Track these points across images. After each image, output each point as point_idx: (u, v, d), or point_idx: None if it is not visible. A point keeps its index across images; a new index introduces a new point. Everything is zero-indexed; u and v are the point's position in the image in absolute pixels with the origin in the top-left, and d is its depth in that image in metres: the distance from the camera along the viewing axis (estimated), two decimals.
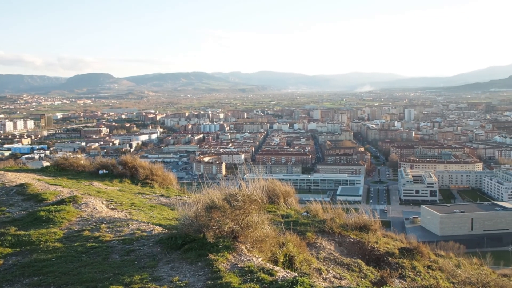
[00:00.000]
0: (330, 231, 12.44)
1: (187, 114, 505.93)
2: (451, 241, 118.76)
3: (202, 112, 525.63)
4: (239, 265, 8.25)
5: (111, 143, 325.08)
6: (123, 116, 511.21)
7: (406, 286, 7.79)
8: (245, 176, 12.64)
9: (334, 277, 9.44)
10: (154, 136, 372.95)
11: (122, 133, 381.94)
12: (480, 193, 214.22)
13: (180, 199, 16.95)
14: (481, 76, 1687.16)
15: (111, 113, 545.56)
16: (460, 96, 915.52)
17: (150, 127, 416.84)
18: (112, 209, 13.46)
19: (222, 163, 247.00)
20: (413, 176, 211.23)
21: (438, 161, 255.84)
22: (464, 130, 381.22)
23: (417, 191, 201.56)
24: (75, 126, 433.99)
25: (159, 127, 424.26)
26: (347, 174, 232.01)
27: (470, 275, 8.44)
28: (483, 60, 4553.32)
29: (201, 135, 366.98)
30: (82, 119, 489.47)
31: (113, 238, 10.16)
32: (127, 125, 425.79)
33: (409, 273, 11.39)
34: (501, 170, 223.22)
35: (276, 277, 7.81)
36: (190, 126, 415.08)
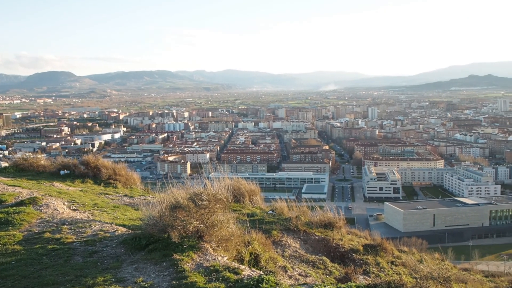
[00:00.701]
0: (295, 229, 12.49)
1: (151, 113, 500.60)
2: (414, 237, 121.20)
3: (166, 111, 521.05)
4: (204, 265, 8.20)
5: (72, 143, 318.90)
6: (85, 115, 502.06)
7: (370, 282, 7.86)
8: (210, 175, 12.57)
9: (299, 274, 9.48)
10: (117, 136, 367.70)
11: (84, 132, 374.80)
12: (442, 190, 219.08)
13: (144, 199, 16.74)
14: (442, 75, 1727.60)
15: (72, 112, 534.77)
16: (422, 94, 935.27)
17: (113, 127, 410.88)
18: (74, 210, 13.19)
19: (187, 162, 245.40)
20: (376, 174, 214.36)
21: (401, 158, 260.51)
22: (426, 128, 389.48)
23: (381, 188, 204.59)
24: (35, 125, 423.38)
25: (122, 126, 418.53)
26: (312, 172, 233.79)
27: (432, 270, 8.60)
28: (443, 59, 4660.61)
29: (166, 134, 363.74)
30: (43, 118, 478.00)
31: (75, 240, 9.95)
32: (89, 124, 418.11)
33: (373, 269, 11.54)
34: (462, 167, 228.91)
35: (242, 276, 7.79)
36: (154, 125, 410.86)
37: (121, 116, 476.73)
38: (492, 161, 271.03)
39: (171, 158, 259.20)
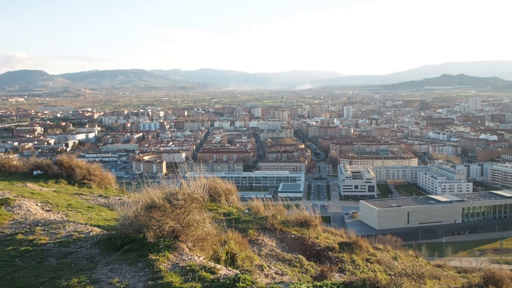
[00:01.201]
0: (271, 227, 12.52)
1: (126, 112, 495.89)
2: (389, 235, 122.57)
3: (141, 110, 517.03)
4: (180, 265, 8.16)
5: (46, 143, 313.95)
6: (58, 115, 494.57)
7: (345, 279, 7.93)
8: (186, 174, 12.52)
9: (276, 273, 9.51)
10: (91, 135, 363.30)
11: (57, 132, 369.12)
12: (416, 187, 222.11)
13: (119, 199, 16.59)
14: (416, 74, 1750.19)
15: (45, 112, 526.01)
16: (396, 93, 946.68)
17: (87, 126, 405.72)
18: (48, 211, 13.00)
19: (162, 162, 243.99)
20: (352, 172, 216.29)
21: (376, 157, 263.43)
22: (400, 127, 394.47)
23: (356, 187, 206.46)
24: (6, 125, 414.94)
25: (96, 125, 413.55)
26: (288, 171, 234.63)
27: (406, 267, 8.72)
28: (417, 59, 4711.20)
29: (141, 134, 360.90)
30: (15, 118, 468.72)
31: (49, 241, 9.80)
32: (63, 124, 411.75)
33: (349, 266, 11.65)
34: (435, 165, 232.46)
35: (218, 275, 7.78)
36: (129, 125, 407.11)
37: (96, 116, 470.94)
38: (465, 159, 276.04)
39: (146, 158, 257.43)
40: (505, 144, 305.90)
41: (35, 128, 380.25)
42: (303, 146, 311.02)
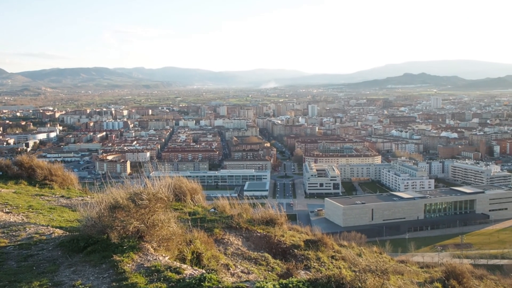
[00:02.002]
0: (237, 226, 12.51)
1: (88, 111, 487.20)
2: (353, 231, 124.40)
3: (104, 109, 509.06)
4: (145, 265, 8.08)
5: (5, 143, 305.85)
6: (18, 114, 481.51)
7: (311, 277, 7.99)
8: (150, 174, 12.39)
9: (242, 272, 9.50)
10: (53, 135, 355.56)
11: (17, 132, 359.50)
12: (379, 185, 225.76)
13: (82, 199, 16.28)
14: (379, 73, 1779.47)
15: (4, 111, 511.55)
16: (360, 92, 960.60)
17: (49, 125, 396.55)
18: (7, 212, 12.65)
19: (126, 161, 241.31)
20: (317, 170, 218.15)
21: (340, 155, 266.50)
22: (364, 125, 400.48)
23: (321, 184, 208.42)
24: None
25: (58, 125, 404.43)
26: (254, 170, 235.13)
27: (370, 263, 8.86)
28: (380, 58, 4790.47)
29: (104, 133, 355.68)
30: None
31: (9, 244, 9.54)
32: (23, 123, 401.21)
33: (314, 264, 11.73)
34: (398, 162, 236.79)
35: (184, 275, 7.73)
36: (92, 124, 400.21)
37: (57, 115, 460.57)
38: (426, 156, 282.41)
39: (110, 158, 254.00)
40: (465, 142, 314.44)
41: None
42: (268, 144, 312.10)
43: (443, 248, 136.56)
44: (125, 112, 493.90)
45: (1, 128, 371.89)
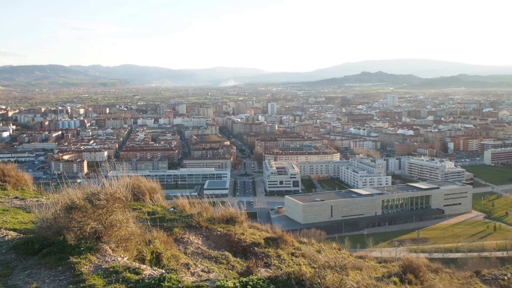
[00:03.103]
0: (197, 225, 12.44)
1: (43, 110, 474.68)
2: (313, 228, 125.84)
3: (60, 108, 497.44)
4: (103, 266, 7.94)
5: None
6: None
7: (271, 274, 8.03)
8: (108, 174, 12.19)
9: (202, 271, 9.46)
10: (5, 134, 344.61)
11: None
12: (338, 182, 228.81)
13: (37, 200, 15.84)
14: (337, 71, 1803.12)
15: None
16: (319, 90, 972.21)
17: (1, 124, 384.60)
18: None
19: (83, 161, 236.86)
20: (277, 168, 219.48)
21: (300, 152, 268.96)
22: (323, 123, 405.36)
23: (281, 182, 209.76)
24: None
25: (11, 124, 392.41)
26: (213, 168, 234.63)
27: (329, 259, 8.97)
28: (338, 56, 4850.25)
29: (60, 132, 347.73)
30: None
31: None
32: None
33: (274, 261, 11.79)
34: (356, 159, 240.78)
35: (143, 275, 7.64)
36: (47, 123, 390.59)
37: (10, 113, 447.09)
38: (384, 153, 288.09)
39: (66, 157, 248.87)
40: (420, 139, 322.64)
41: None
42: (228, 143, 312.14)
43: (400, 243, 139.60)
44: (82, 111, 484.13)
45: None
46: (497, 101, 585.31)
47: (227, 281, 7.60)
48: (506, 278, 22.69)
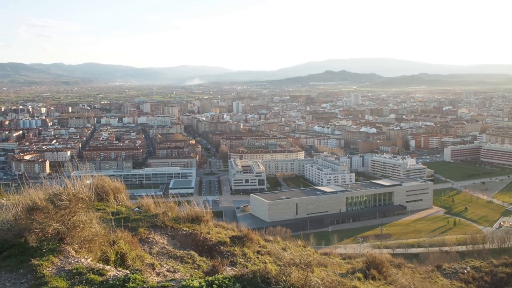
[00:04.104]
0: (162, 225, 12.37)
1: (3, 109, 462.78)
2: (279, 226, 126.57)
3: (21, 107, 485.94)
4: (66, 268, 7.83)
5: None
6: None
7: (236, 272, 8.06)
8: (71, 174, 11.99)
9: (167, 270, 9.42)
10: None
11: None
12: (303, 179, 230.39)
13: None
14: (301, 70, 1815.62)
15: None
16: (283, 89, 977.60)
17: None
18: None
19: (45, 161, 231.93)
20: (242, 166, 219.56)
21: (265, 151, 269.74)
22: (288, 121, 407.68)
23: (247, 181, 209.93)
24: None
25: None
26: (179, 167, 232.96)
27: (295, 257, 9.05)
28: (302, 55, 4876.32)
29: (21, 132, 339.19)
30: None
31: None
32: None
33: (240, 259, 11.82)
34: (321, 157, 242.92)
35: (107, 276, 7.57)
36: (7, 122, 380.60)
37: None
38: (347, 151, 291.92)
39: (27, 157, 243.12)
40: (383, 137, 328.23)
41: None
42: (193, 141, 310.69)
43: (364, 239, 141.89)
44: (43, 110, 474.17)
45: None
46: (456, 99, 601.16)
47: (192, 280, 7.59)
48: (465, 271, 23.41)
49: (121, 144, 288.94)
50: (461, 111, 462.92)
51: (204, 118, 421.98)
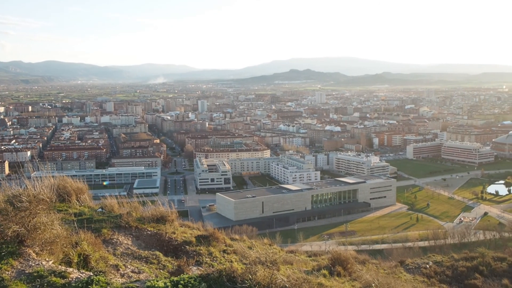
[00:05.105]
0: (126, 225, 12.20)
1: None
2: (245, 225, 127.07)
3: None
4: (26, 271, 7.63)
5: None
6: None
7: (202, 272, 8.03)
8: (31, 174, 11.71)
9: (132, 271, 9.30)
10: None
11: None
12: (269, 178, 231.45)
13: None
14: (266, 69, 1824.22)
15: None
16: (249, 88, 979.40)
17: None
18: None
19: (4, 161, 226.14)
20: (208, 166, 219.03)
21: (231, 149, 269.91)
22: (253, 120, 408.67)
23: (212, 180, 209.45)
24: None
25: None
26: (143, 167, 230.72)
27: (260, 255, 9.07)
28: (267, 54, 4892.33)
29: None
30: None
31: None
32: None
33: (206, 259, 11.76)
34: (286, 155, 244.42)
35: (69, 279, 7.42)
36: None
37: None
38: (312, 149, 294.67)
39: None
40: (347, 135, 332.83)
41: None
42: (158, 141, 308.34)
43: (329, 236, 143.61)
44: (2, 109, 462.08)
45: None
46: (418, 98, 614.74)
47: (157, 281, 7.52)
48: (428, 266, 23.98)
49: (84, 143, 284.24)
50: (422, 109, 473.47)
51: (168, 117, 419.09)
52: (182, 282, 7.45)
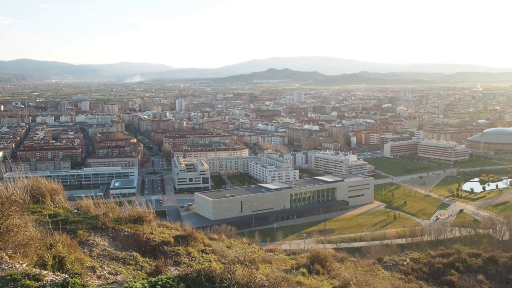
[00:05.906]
0: (103, 226, 12.03)
1: None
2: (224, 224, 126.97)
3: None
4: None
5: None
6: None
7: (181, 272, 7.94)
8: (4, 175, 11.45)
9: (109, 273, 9.16)
10: None
11: None
12: (248, 177, 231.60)
13: None
14: (244, 68, 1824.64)
15: None
16: (227, 87, 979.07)
17: None
18: None
19: None
20: (186, 165, 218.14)
21: (209, 149, 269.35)
22: (231, 119, 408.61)
23: (191, 179, 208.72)
24: None
25: None
26: (120, 167, 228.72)
27: (239, 254, 9.02)
28: (245, 53, 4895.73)
29: None
30: None
31: None
32: None
33: (184, 259, 11.67)
34: (265, 154, 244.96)
35: (44, 281, 7.25)
36: None
37: None
38: (291, 148, 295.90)
39: None
40: (325, 134, 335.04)
41: None
42: (135, 140, 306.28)
43: (308, 235, 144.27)
44: None
45: None
46: (394, 97, 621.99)
47: (135, 282, 7.42)
48: (405, 263, 24.24)
49: (58, 143, 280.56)
50: (399, 108, 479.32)
51: (146, 116, 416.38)
52: (160, 282, 7.36)
